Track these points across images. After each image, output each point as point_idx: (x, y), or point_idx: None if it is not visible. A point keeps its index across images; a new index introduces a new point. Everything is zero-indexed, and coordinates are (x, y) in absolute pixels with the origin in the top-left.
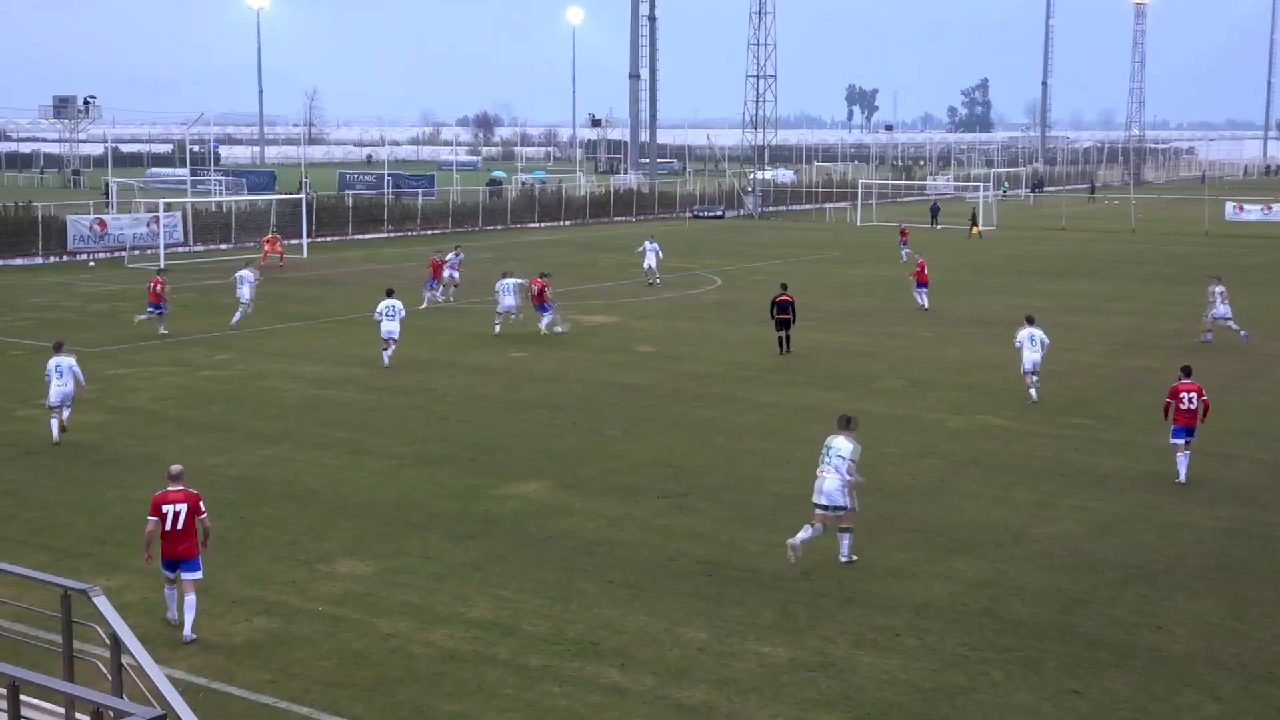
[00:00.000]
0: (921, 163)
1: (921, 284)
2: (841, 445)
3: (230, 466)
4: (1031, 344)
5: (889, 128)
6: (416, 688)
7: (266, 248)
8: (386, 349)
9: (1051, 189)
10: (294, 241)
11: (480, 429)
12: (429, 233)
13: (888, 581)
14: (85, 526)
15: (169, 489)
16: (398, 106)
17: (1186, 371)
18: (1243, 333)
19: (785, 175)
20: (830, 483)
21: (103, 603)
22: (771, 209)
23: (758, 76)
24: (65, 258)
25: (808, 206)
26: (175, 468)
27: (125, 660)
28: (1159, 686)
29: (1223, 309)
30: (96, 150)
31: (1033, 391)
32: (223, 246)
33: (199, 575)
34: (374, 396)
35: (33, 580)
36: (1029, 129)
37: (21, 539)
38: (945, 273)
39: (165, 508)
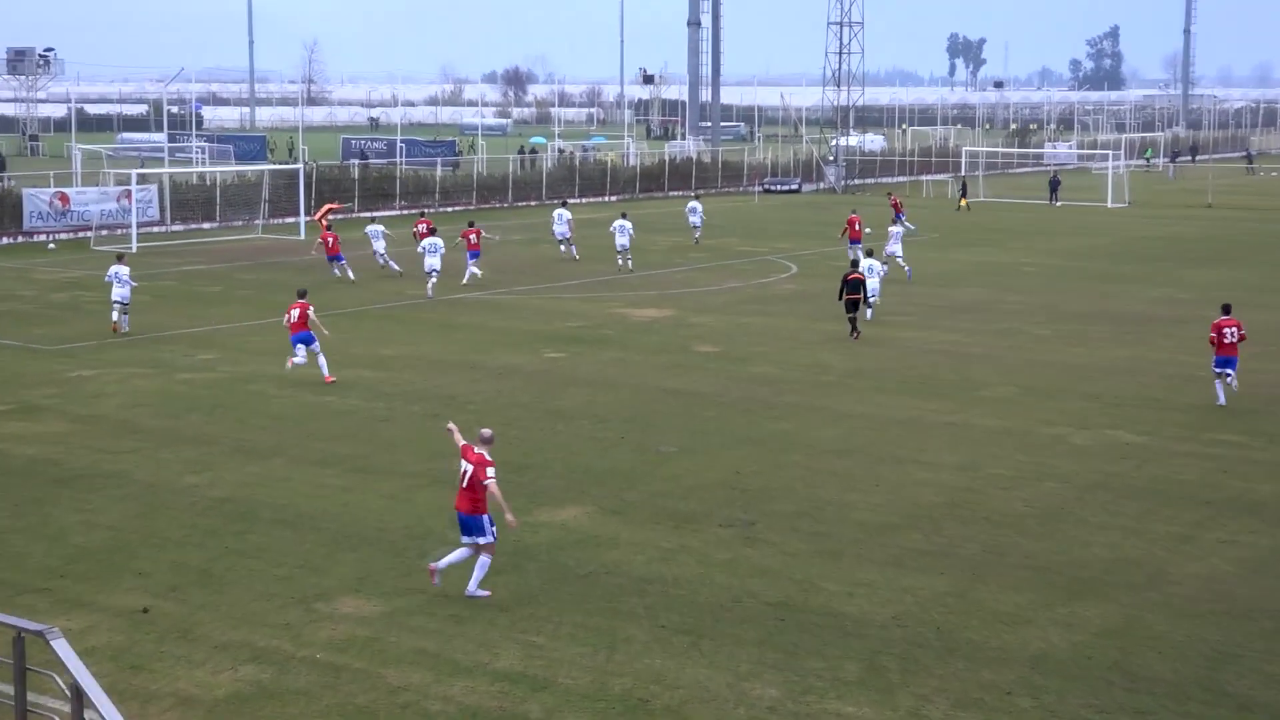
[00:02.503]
0: (1037, 127)
1: (855, 241)
2: None
3: (213, 486)
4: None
5: (998, 85)
6: None
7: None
8: (430, 280)
9: (1192, 158)
10: (289, 220)
11: (509, 443)
12: (449, 209)
13: (996, 629)
14: (41, 556)
15: (473, 447)
16: (413, 60)
17: (1226, 309)
18: None
19: (874, 141)
20: None
21: (62, 647)
22: (857, 182)
23: (841, 24)
24: (20, 238)
25: (901, 179)
26: (486, 432)
27: (88, 715)
28: None
29: None
30: (58, 112)
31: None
32: (206, 225)
33: (482, 540)
34: (383, 404)
35: None
36: (1167, 86)
37: None
38: (1067, 259)
39: (461, 463)
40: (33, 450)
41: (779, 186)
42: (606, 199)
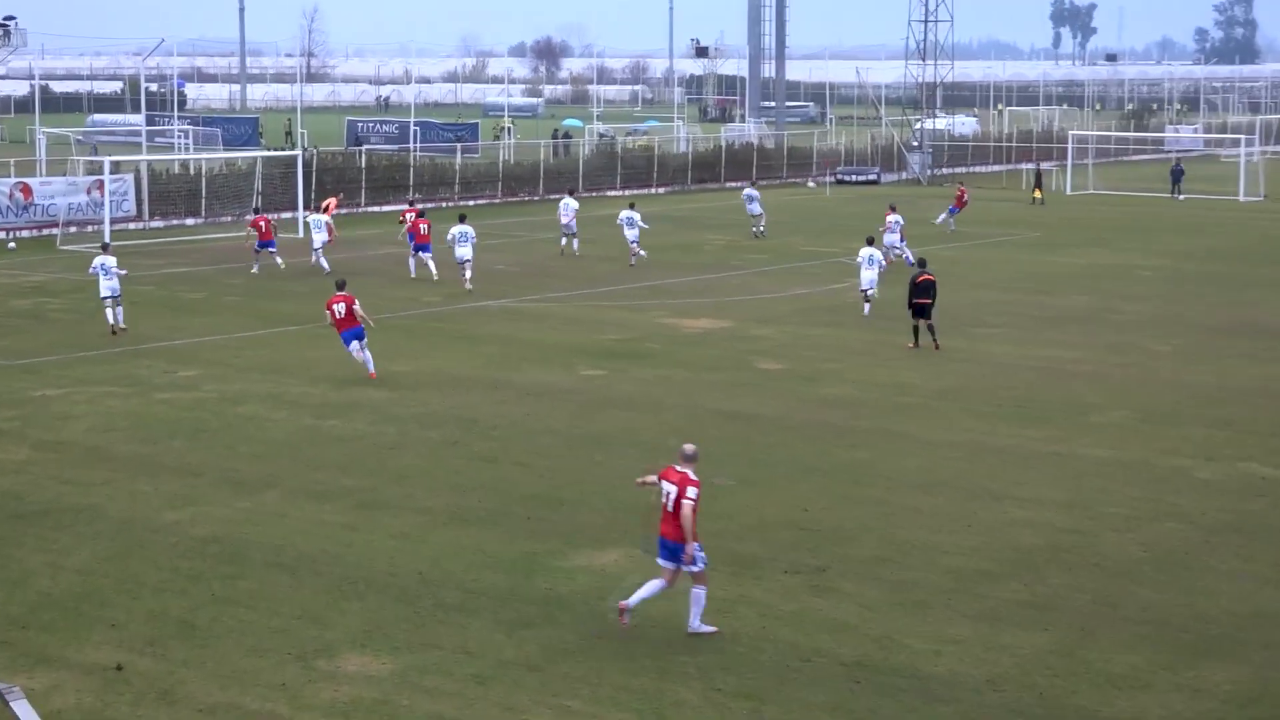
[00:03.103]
0: (1156, 107)
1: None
2: None
3: (196, 523)
4: None
5: (1111, 58)
6: None
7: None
8: (464, 272)
9: None
10: (285, 215)
11: (540, 475)
12: (471, 202)
13: (1109, 693)
14: (0, 604)
15: (675, 467)
16: (429, 30)
17: None
18: None
19: (965, 124)
20: None
21: (24, 709)
22: (945, 171)
23: None
24: None
25: (996, 167)
26: (689, 448)
27: None
28: None
29: None
30: (19, 90)
31: None
32: (189, 221)
33: (687, 568)
34: (394, 428)
35: None
36: None
37: None
38: (1191, 262)
39: (664, 484)
40: None
41: (854, 176)
42: (654, 190)
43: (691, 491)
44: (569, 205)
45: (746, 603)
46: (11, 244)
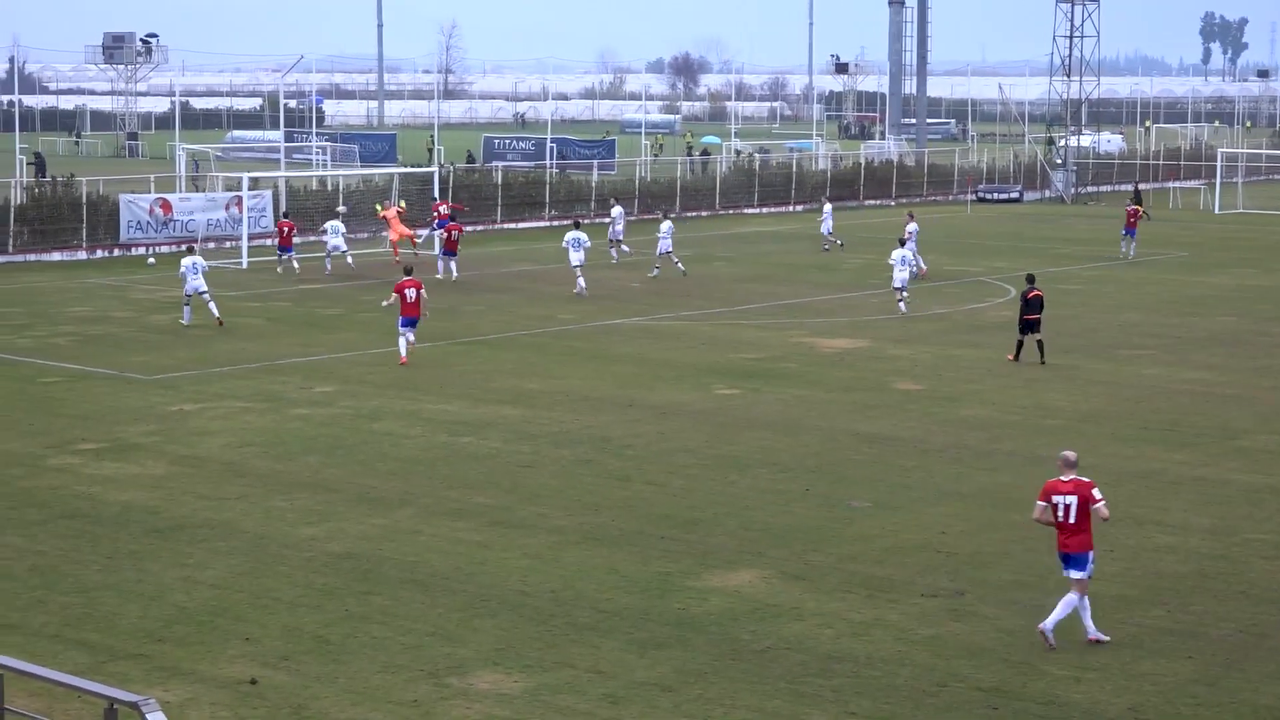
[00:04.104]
0: None
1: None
2: None
3: (331, 540)
4: None
5: (1262, 74)
6: None
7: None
8: (579, 278)
9: None
10: (421, 231)
11: (674, 495)
12: (606, 219)
13: None
14: (137, 618)
15: (1060, 479)
16: (566, 46)
17: None
18: None
19: (1110, 142)
20: None
21: None
22: (1090, 189)
23: (1072, 1)
24: (117, 252)
25: (1143, 185)
26: (1069, 454)
27: None
28: None
29: None
30: (160, 106)
31: None
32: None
33: (1085, 575)
34: (528, 447)
35: (68, 688)
36: None
37: (53, 633)
38: None
39: (1056, 499)
40: (127, 496)
41: (995, 194)
42: (792, 209)
43: (1097, 492)
44: (618, 217)
45: (883, 626)
46: (151, 259)
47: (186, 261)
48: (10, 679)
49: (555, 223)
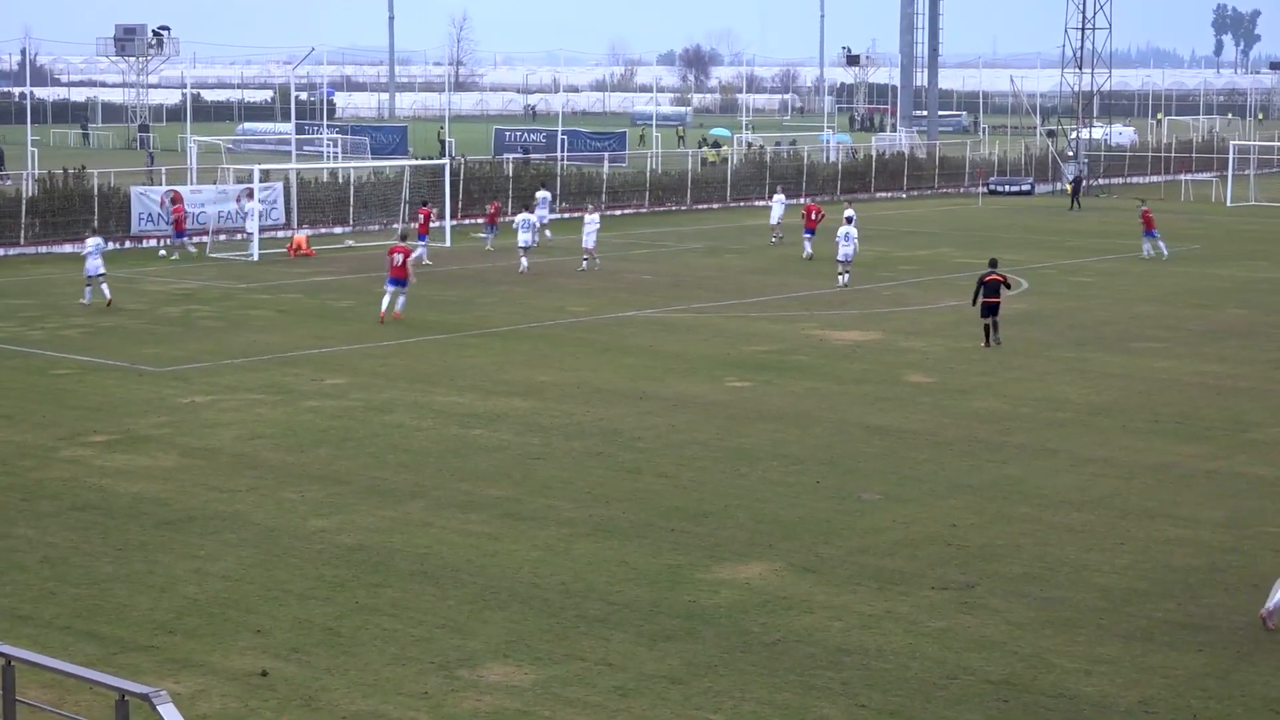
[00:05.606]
0: None
1: None
2: None
3: (342, 532)
4: None
5: (1275, 66)
6: None
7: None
8: (522, 257)
9: None
10: (435, 225)
11: (685, 487)
12: (617, 212)
13: (1266, 718)
14: (148, 609)
15: None
16: (577, 38)
17: None
18: None
19: (1122, 134)
20: None
21: (170, 712)
22: (1102, 181)
23: None
24: (128, 244)
25: (1154, 178)
26: None
27: None
28: None
29: None
30: (171, 99)
31: None
32: (337, 230)
33: None
34: (539, 439)
35: (78, 679)
36: None
37: (63, 624)
38: None
39: None
40: (138, 487)
41: (1006, 187)
42: (802, 201)
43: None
44: (542, 201)
45: (893, 618)
46: (162, 251)
47: (90, 242)
48: (22, 670)
49: (566, 214)
